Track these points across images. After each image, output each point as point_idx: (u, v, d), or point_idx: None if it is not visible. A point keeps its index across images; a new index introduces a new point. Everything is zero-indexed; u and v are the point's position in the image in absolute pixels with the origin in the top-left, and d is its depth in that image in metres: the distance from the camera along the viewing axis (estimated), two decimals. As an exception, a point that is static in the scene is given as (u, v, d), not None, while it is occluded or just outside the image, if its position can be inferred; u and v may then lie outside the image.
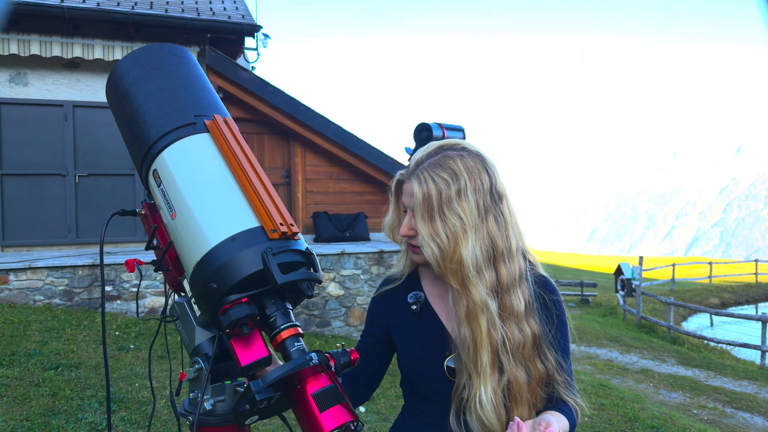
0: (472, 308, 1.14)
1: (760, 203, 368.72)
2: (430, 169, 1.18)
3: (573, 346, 10.74)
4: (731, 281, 26.47)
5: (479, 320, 1.14)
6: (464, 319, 1.15)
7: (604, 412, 5.31)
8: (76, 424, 3.52)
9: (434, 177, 1.17)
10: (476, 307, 1.14)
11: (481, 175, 1.17)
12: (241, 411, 0.98)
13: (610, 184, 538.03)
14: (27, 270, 5.94)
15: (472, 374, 1.15)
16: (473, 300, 1.14)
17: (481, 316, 1.14)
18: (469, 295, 1.14)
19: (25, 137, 7.48)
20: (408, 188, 1.21)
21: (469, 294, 1.14)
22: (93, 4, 7.33)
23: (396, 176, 1.26)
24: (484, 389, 1.13)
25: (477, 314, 1.14)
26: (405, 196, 1.23)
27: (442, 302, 1.28)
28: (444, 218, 1.14)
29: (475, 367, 1.14)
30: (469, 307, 1.14)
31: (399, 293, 1.34)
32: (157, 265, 1.19)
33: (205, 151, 1.16)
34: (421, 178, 1.18)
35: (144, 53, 1.29)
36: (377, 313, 1.37)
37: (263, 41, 9.26)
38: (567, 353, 1.26)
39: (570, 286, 19.79)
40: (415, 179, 1.18)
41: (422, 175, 1.18)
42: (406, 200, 1.22)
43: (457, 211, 1.14)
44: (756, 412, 6.92)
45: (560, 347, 1.24)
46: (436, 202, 1.15)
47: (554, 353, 1.22)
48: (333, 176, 9.04)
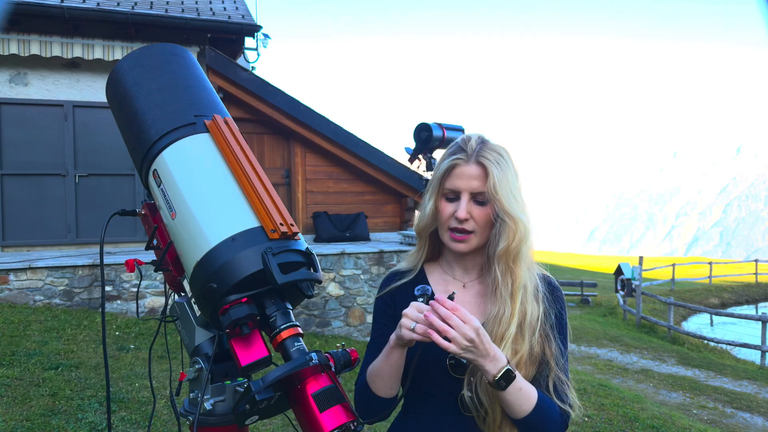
0: (517, 286, 1.21)
1: (760, 203, 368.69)
2: (493, 153, 1.22)
3: (573, 345, 10.75)
4: (731, 281, 26.45)
5: (517, 297, 1.21)
6: (509, 296, 1.21)
7: (604, 412, 5.31)
8: (76, 424, 3.52)
9: (500, 162, 1.21)
10: (521, 284, 1.21)
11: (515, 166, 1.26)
12: (241, 411, 0.98)
13: (610, 184, 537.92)
14: (27, 270, 5.94)
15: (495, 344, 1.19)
16: (520, 278, 1.22)
17: (520, 293, 1.22)
18: (518, 273, 1.21)
19: (25, 137, 7.48)
20: (470, 171, 1.21)
21: (520, 271, 1.22)
22: (93, 4, 7.33)
23: (449, 160, 1.24)
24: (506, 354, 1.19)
25: (518, 291, 1.21)
26: (462, 179, 1.22)
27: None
28: (517, 201, 1.21)
29: (501, 340, 1.18)
30: (515, 285, 1.21)
31: (406, 288, 1.34)
32: (157, 265, 1.19)
33: (205, 151, 1.16)
34: (492, 159, 1.21)
35: (144, 53, 1.29)
36: (387, 302, 1.36)
37: (263, 41, 9.26)
38: (565, 346, 1.29)
39: (570, 286, 19.78)
40: (485, 161, 1.21)
41: (490, 156, 1.22)
42: (462, 183, 1.21)
43: (522, 195, 1.23)
44: (756, 412, 6.92)
45: (561, 336, 1.28)
46: (512, 185, 1.21)
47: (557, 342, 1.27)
48: (333, 176, 9.04)
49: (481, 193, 1.21)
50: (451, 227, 1.24)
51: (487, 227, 1.23)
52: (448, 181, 1.23)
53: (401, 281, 1.35)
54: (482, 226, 1.22)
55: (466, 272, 1.33)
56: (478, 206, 1.22)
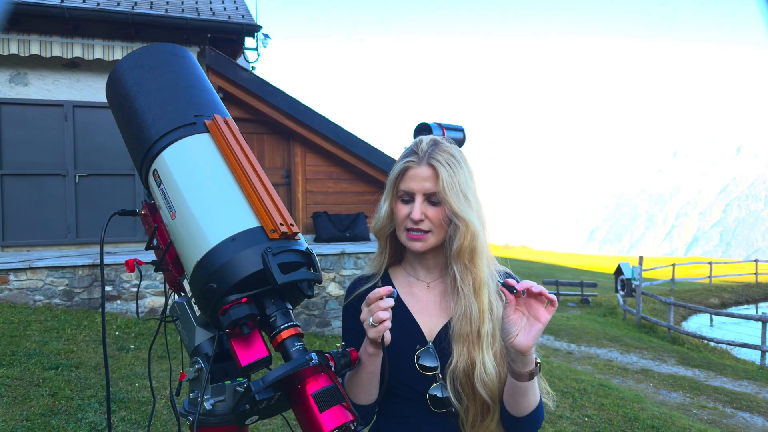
0: (478, 283, 1.23)
1: (760, 203, 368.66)
2: (444, 154, 1.23)
3: (573, 345, 10.75)
4: (731, 281, 26.45)
5: (483, 294, 1.22)
6: (471, 293, 1.22)
7: (604, 412, 5.31)
8: (76, 424, 3.52)
9: (450, 162, 1.23)
10: (482, 282, 1.23)
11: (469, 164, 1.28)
12: (241, 411, 0.98)
13: (610, 184, 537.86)
14: (27, 270, 5.94)
15: (473, 344, 1.20)
16: (481, 275, 1.23)
17: (485, 289, 1.23)
18: (477, 271, 1.23)
19: (25, 137, 7.48)
20: (421, 173, 1.23)
21: (478, 270, 1.23)
22: (93, 4, 7.33)
23: (402, 163, 1.26)
24: (487, 356, 1.20)
25: (482, 288, 1.23)
26: (414, 181, 1.24)
27: (413, 298, 1.32)
28: (468, 201, 1.22)
29: (479, 337, 1.20)
30: (476, 282, 1.23)
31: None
32: (157, 265, 1.19)
33: (205, 151, 1.16)
34: (442, 161, 1.22)
35: (144, 53, 1.29)
36: (356, 307, 1.34)
37: (263, 41, 9.26)
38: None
39: (570, 286, 19.78)
40: (435, 163, 1.22)
41: (440, 158, 1.23)
42: (415, 185, 1.23)
43: (476, 195, 1.24)
44: (756, 412, 6.92)
45: None
46: (463, 185, 1.22)
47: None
48: (333, 176, 9.04)
49: (434, 194, 1.23)
50: (407, 228, 1.26)
51: (442, 226, 1.24)
52: (402, 183, 1.26)
53: (367, 286, 1.36)
54: (437, 225, 1.24)
55: (429, 272, 1.34)
56: (432, 206, 1.24)
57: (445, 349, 1.24)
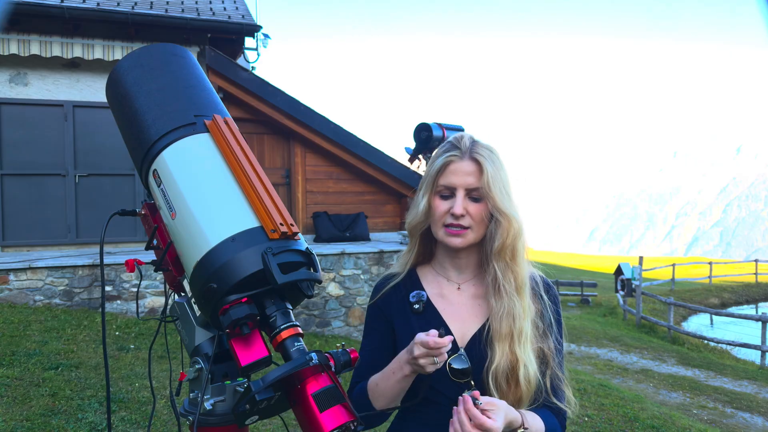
0: (520, 281, 1.22)
1: (760, 203, 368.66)
2: (486, 150, 1.23)
3: (573, 345, 10.75)
4: (731, 281, 26.46)
5: (524, 292, 1.22)
6: (514, 291, 1.21)
7: (604, 412, 5.31)
8: (76, 424, 3.52)
9: (493, 159, 1.22)
10: (523, 280, 1.22)
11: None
12: (241, 411, 0.98)
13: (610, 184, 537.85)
14: (27, 270, 5.94)
15: (516, 341, 1.19)
16: (522, 274, 1.22)
17: (526, 288, 1.23)
18: (518, 269, 1.23)
19: (25, 137, 7.48)
20: (464, 167, 1.22)
21: (519, 269, 1.23)
22: (93, 4, 7.33)
23: (444, 158, 1.24)
24: (531, 353, 1.20)
25: (523, 287, 1.22)
26: (457, 176, 1.22)
27: (444, 301, 1.29)
28: (510, 198, 1.22)
29: (521, 334, 1.19)
30: (517, 280, 1.22)
31: (399, 292, 1.33)
32: (157, 265, 1.19)
33: (205, 151, 1.16)
34: (486, 156, 1.22)
35: (144, 53, 1.29)
36: (381, 307, 1.35)
37: (263, 41, 9.26)
38: (561, 343, 1.31)
39: (570, 286, 19.78)
40: (480, 157, 1.22)
41: (484, 153, 1.23)
42: (457, 180, 1.22)
43: (513, 193, 1.24)
44: (756, 412, 6.92)
45: (557, 333, 1.30)
46: (505, 181, 1.22)
47: (554, 338, 1.28)
48: (333, 176, 9.04)
49: (476, 189, 1.21)
50: (446, 223, 1.23)
51: (482, 223, 1.23)
52: (443, 178, 1.23)
53: (393, 283, 1.35)
54: (478, 221, 1.22)
55: (461, 272, 1.31)
56: (473, 202, 1.22)
57: (479, 353, 1.22)
